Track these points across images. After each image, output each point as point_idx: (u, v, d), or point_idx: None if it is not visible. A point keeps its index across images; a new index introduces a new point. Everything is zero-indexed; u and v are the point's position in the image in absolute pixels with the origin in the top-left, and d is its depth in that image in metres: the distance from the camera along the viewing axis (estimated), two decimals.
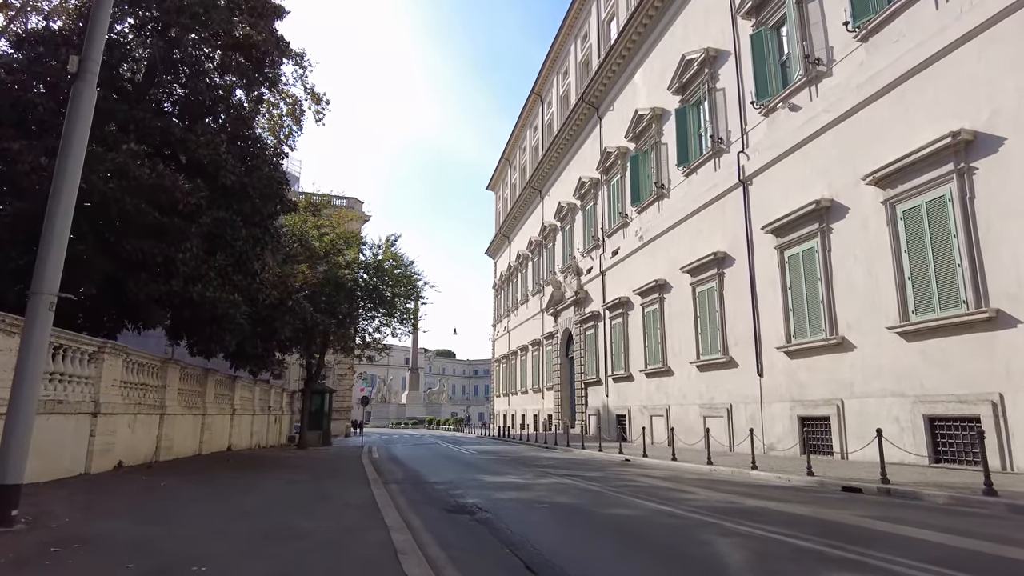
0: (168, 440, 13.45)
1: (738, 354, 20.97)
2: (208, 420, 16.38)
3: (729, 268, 21.71)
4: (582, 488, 10.72)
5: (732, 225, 21.62)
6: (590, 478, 12.53)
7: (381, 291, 24.41)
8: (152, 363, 12.87)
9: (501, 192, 64.12)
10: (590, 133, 36.71)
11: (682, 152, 25.08)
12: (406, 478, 13.11)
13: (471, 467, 16.18)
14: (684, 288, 24.37)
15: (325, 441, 30.07)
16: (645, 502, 8.85)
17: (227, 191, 14.91)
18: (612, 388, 31.36)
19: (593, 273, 34.73)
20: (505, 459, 19.22)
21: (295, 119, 24.67)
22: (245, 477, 10.69)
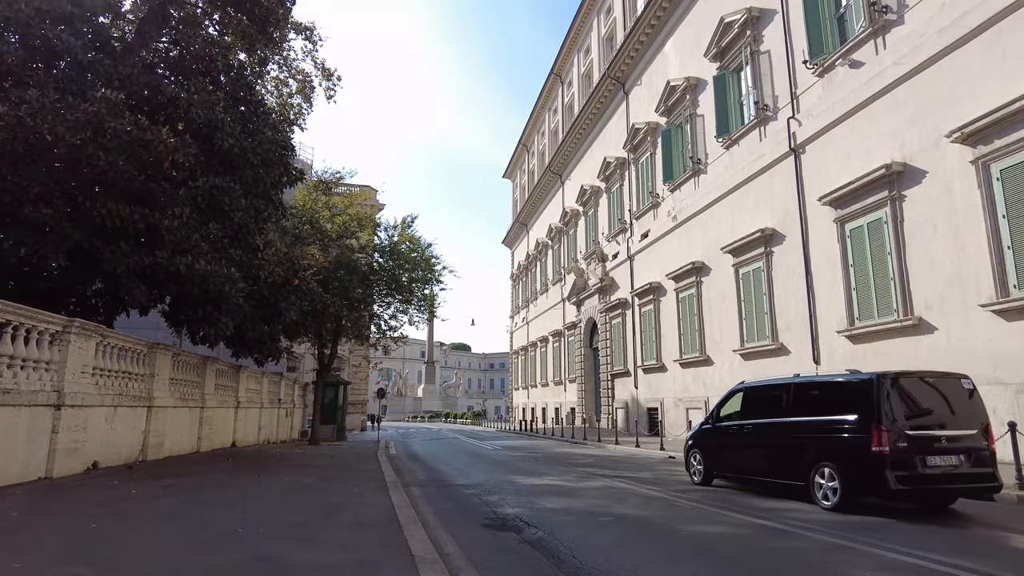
0: (158, 436, 11.84)
1: (790, 340, 19.04)
2: (207, 414, 14.78)
3: (778, 246, 19.75)
4: (642, 495, 8.94)
5: (782, 199, 19.66)
6: (642, 480, 10.76)
7: (397, 275, 22.67)
8: (137, 348, 11.24)
9: (518, 180, 62.23)
10: (615, 110, 34.73)
11: (721, 122, 23.09)
12: (429, 480, 11.40)
13: (500, 466, 14.45)
14: (725, 270, 22.44)
15: (339, 436, 28.53)
16: (734, 514, 7.08)
17: (224, 156, 13.24)
18: (642, 379, 29.49)
19: (620, 258, 32.82)
20: (535, 456, 17.49)
21: (305, 96, 23.13)
22: (240, 481, 9.02)
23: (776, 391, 10.45)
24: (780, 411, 9.79)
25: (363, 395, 50.51)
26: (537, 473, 12.26)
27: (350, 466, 12.69)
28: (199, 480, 9.04)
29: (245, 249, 13.04)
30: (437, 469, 13.66)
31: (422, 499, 8.58)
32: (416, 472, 12.88)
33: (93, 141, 9.60)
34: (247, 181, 13.66)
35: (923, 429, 8.16)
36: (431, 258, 23.71)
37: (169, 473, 9.69)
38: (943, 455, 8.06)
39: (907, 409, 8.32)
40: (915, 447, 7.90)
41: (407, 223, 23.50)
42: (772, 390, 10.68)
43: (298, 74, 22.88)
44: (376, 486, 9.23)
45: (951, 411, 8.55)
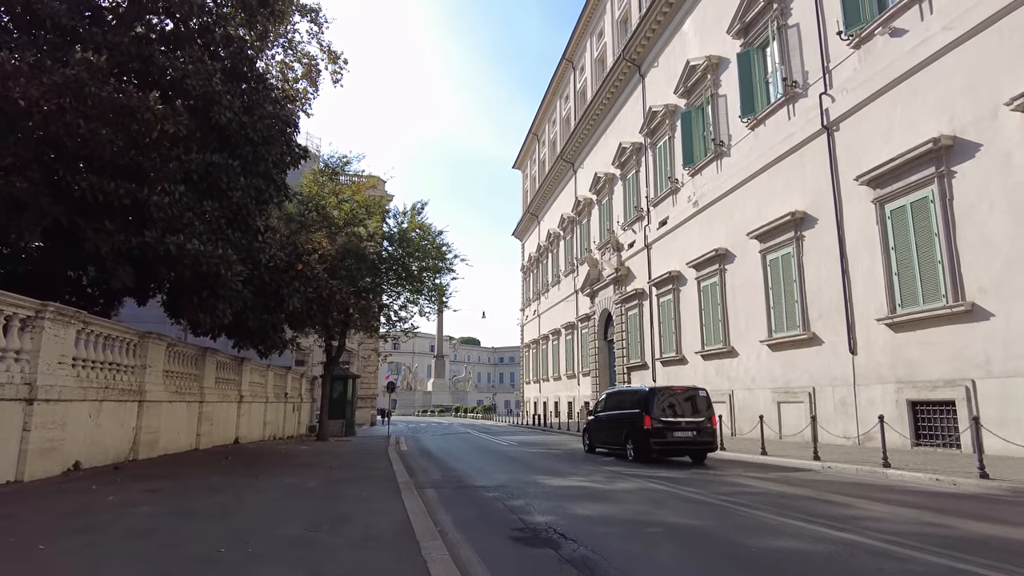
0: (151, 433, 10.93)
1: (822, 329, 17.97)
2: (207, 409, 13.87)
3: (810, 230, 18.65)
4: (684, 498, 7.94)
5: (813, 180, 18.55)
6: (678, 481, 9.76)
7: (407, 264, 21.67)
8: (126, 337, 10.30)
9: (529, 170, 61.10)
10: (631, 94, 33.57)
11: (746, 102, 21.96)
12: (445, 480, 10.43)
13: (519, 464, 13.48)
14: (751, 256, 21.35)
15: (348, 431, 27.66)
16: (802, 523, 6.08)
17: (222, 132, 12.30)
18: (661, 372, 28.44)
19: (636, 247, 31.74)
20: (554, 453, 16.52)
21: (311, 80, 22.19)
22: (235, 484, 8.08)
23: (614, 395, 17.42)
24: (614, 407, 16.50)
25: (373, 389, 49.71)
26: (561, 472, 11.26)
27: (359, 465, 11.75)
28: (189, 483, 8.10)
29: (244, 231, 12.10)
30: (452, 468, 12.69)
31: (439, 505, 7.61)
32: (430, 471, 11.91)
33: (73, 108, 8.67)
34: (247, 159, 12.72)
35: (671, 417, 14.36)
36: (442, 245, 22.71)
37: (158, 475, 8.77)
38: (682, 431, 14.27)
39: (664, 406, 14.50)
40: (666, 427, 14.15)
41: (417, 210, 22.51)
42: (612, 395, 17.58)
43: (303, 57, 21.98)
44: (387, 489, 8.28)
45: (692, 408, 14.83)
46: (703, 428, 14.42)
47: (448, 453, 17.24)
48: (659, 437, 13.97)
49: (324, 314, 13.80)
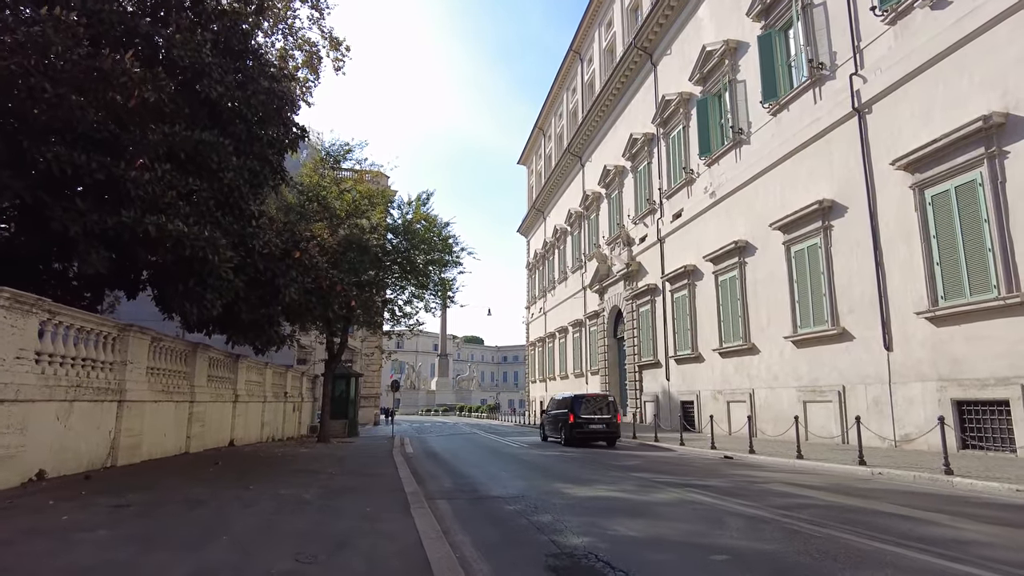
0: (132, 436, 9.91)
1: (853, 324, 16.91)
2: (198, 409, 12.84)
3: (839, 219, 17.59)
4: (737, 513, 6.90)
5: (842, 166, 17.49)
6: (722, 491, 8.71)
7: (412, 257, 20.61)
8: (102, 330, 9.25)
9: (534, 165, 60.04)
10: (642, 84, 32.51)
11: (768, 86, 20.89)
12: (457, 489, 9.39)
13: (536, 469, 12.44)
14: (774, 248, 20.29)
15: (351, 432, 26.64)
16: (899, 549, 5.05)
17: (213, 107, 11.32)
18: (675, 371, 27.40)
19: (648, 242, 30.68)
20: (571, 456, 15.50)
21: (312, 68, 21.23)
22: (220, 496, 7.03)
23: (555, 400, 23.44)
24: (555, 408, 22.60)
25: (376, 388, 48.75)
26: (585, 480, 10.20)
27: (362, 470, 10.72)
28: (166, 495, 7.06)
29: (237, 216, 11.08)
30: (464, 473, 11.63)
31: (454, 521, 6.57)
32: (440, 478, 10.86)
33: (38, 71, 7.66)
34: (240, 138, 11.72)
35: (587, 415, 20.16)
36: (449, 238, 21.65)
37: (134, 485, 7.74)
38: (595, 424, 20.00)
39: (583, 407, 20.35)
40: (584, 421, 19.94)
41: (422, 200, 21.45)
42: (554, 400, 23.71)
43: (304, 44, 21.04)
44: (394, 501, 7.25)
45: (603, 409, 20.54)
46: (610, 423, 20.36)
47: (456, 456, 16.21)
48: (579, 428, 20.11)
49: (324, 307, 12.73)
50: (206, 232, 8.78)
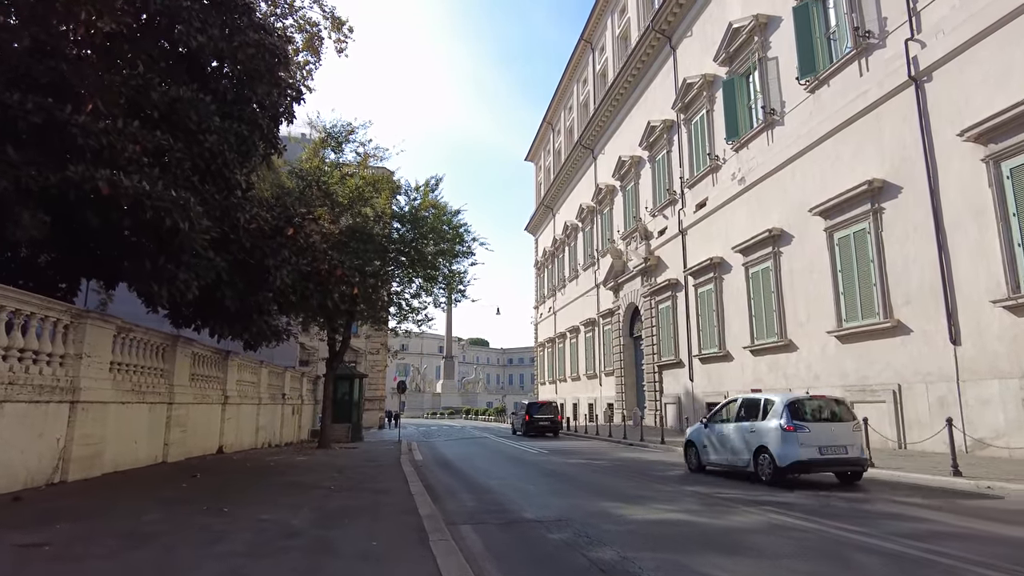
0: (89, 444, 8.28)
1: (910, 316, 15.23)
2: (178, 412, 11.21)
3: (891, 200, 15.92)
4: (857, 545, 5.31)
5: (896, 142, 15.83)
6: (806, 509, 7.10)
7: (420, 247, 18.98)
8: (47, 314, 7.55)
9: (542, 161, 58.42)
10: (660, 68, 30.86)
11: (805, 61, 19.22)
12: (482, 508, 7.74)
13: (567, 481, 10.79)
14: (814, 236, 18.61)
15: (355, 436, 25.04)
16: None
17: (193, 61, 9.71)
18: (699, 370, 25.71)
19: (668, 234, 29.01)
20: (601, 465, 13.83)
21: (313, 49, 19.69)
22: (183, 525, 5.45)
23: (520, 404, 34.27)
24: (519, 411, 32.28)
25: (380, 390, 47.15)
26: (633, 496, 8.53)
27: (365, 484, 9.09)
28: (108, 526, 5.43)
29: (220, 186, 9.48)
30: (485, 487, 9.96)
31: (490, 562, 4.93)
32: (458, 493, 9.20)
33: None
34: (224, 97, 10.15)
35: (538, 415, 29.41)
36: (460, 226, 20.01)
37: (75, 509, 6.11)
38: (542, 421, 29.12)
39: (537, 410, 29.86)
40: (537, 419, 29.12)
41: (431, 186, 19.84)
42: (518, 404, 35.63)
43: (305, 24, 19.55)
44: (406, 528, 5.63)
45: (549, 410, 30.28)
46: (553, 420, 29.50)
47: (472, 464, 14.56)
48: (532, 423, 28.88)
49: (323, 294, 11.09)
50: (171, 193, 7.16)
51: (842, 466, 10.77)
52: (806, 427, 10.57)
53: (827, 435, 10.66)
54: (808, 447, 10.30)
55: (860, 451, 10.97)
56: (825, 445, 10.47)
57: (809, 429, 10.56)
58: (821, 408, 11.42)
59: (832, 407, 11.56)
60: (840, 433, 10.84)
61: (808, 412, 11.11)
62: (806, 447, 10.30)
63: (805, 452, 10.26)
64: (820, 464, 10.50)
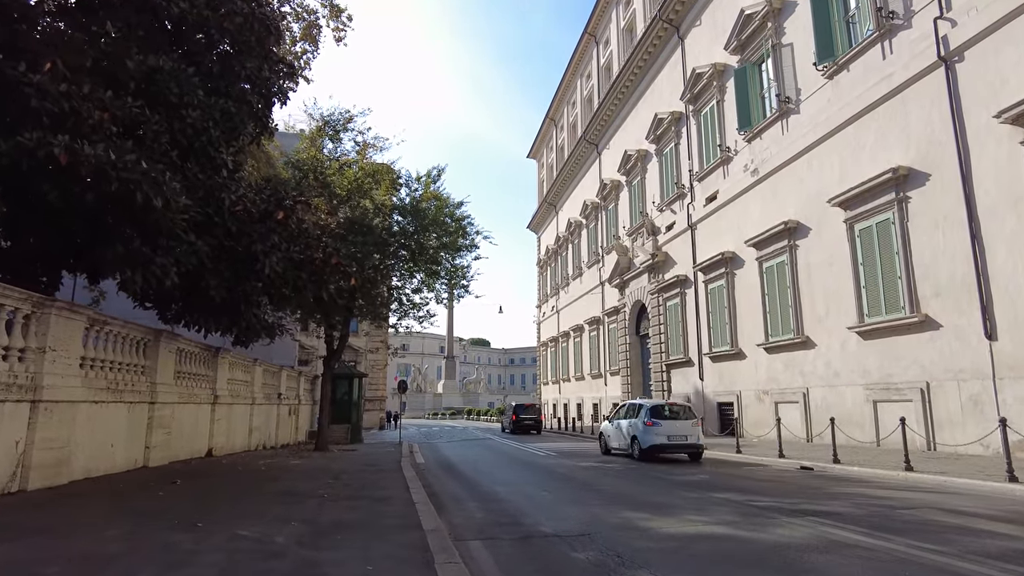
0: (54, 449, 7.42)
1: (940, 310, 14.43)
2: (162, 412, 10.38)
3: (918, 189, 15.10)
4: (940, 568, 4.40)
5: (923, 127, 15.03)
6: (859, 521, 6.27)
7: (422, 240, 18.13)
8: (9, 304, 6.71)
9: (545, 158, 57.58)
10: (667, 60, 30.04)
11: (823, 45, 18.43)
12: (492, 520, 6.92)
13: (582, 486, 9.98)
14: (832, 228, 17.81)
15: (354, 437, 24.24)
16: None
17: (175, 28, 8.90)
18: (710, 369, 24.89)
19: (676, 229, 28.19)
20: (613, 468, 13.06)
21: (311, 38, 18.96)
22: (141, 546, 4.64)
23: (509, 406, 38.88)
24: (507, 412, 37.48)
25: (381, 390, 46.35)
26: (659, 505, 7.69)
27: (363, 492, 8.26)
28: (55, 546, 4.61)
29: (204, 165, 8.66)
30: (494, 494, 9.13)
31: None
32: (464, 501, 8.37)
33: None
34: (210, 70, 9.33)
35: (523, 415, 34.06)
36: (463, 219, 19.17)
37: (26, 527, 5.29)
38: (528, 421, 33.67)
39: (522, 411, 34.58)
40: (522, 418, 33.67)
41: (432, 177, 19.01)
42: (507, 406, 40.58)
43: (303, 13, 18.79)
44: (408, 547, 4.83)
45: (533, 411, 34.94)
46: (536, 419, 33.57)
47: (477, 468, 13.73)
48: (519, 422, 33.01)
49: (317, 285, 10.23)
50: (143, 164, 6.34)
51: (684, 449, 15.56)
52: (660, 423, 15.59)
53: (674, 428, 15.58)
54: (660, 436, 15.39)
55: (698, 439, 15.64)
56: (672, 435, 15.46)
57: (662, 424, 15.59)
58: (671, 410, 16.25)
59: (679, 409, 16.46)
60: (683, 427, 15.68)
61: (662, 413, 15.97)
62: (659, 436, 15.39)
63: (658, 439, 15.38)
64: (669, 447, 15.48)
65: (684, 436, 15.35)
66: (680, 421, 15.68)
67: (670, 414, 15.86)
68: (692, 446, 15.36)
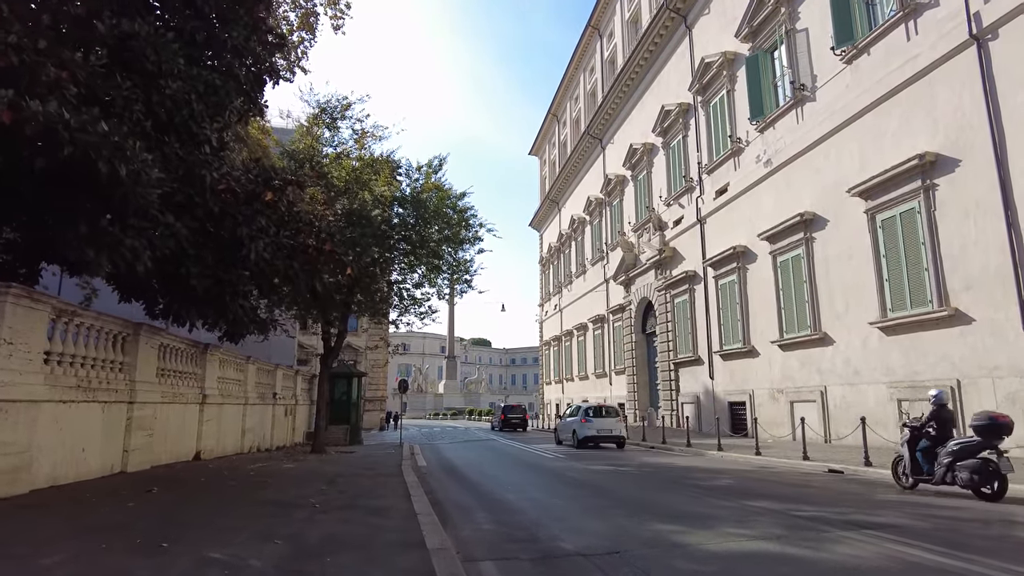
0: (11, 455, 6.50)
1: (972, 303, 13.64)
2: (142, 413, 9.56)
3: (946, 176, 14.31)
4: None
5: (952, 110, 14.24)
6: (928, 537, 5.48)
7: (423, 232, 17.31)
8: None
9: (547, 155, 56.79)
10: (674, 50, 29.23)
11: (842, 28, 17.62)
12: (505, 534, 6.12)
13: (599, 492, 9.18)
14: (852, 218, 17.02)
15: (353, 439, 23.44)
16: None
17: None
18: (721, 367, 24.09)
19: (684, 224, 27.40)
20: (629, 472, 12.22)
21: (308, 26, 18.16)
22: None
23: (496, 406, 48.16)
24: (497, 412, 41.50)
25: (382, 390, 45.53)
26: (689, 516, 6.86)
27: (359, 501, 7.46)
28: None
29: (184, 141, 7.87)
30: (504, 502, 8.31)
31: None
32: (472, 511, 7.55)
33: None
34: (192, 39, 8.51)
35: (510, 415, 38.56)
36: (466, 210, 18.35)
37: None
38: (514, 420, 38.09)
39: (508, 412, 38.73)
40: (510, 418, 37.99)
41: (434, 167, 18.20)
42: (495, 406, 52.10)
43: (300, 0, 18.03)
44: (409, 572, 4.00)
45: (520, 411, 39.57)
46: (522, 419, 37.37)
47: (482, 471, 12.92)
48: (506, 421, 36.79)
49: (309, 275, 9.36)
50: (104, 125, 5.53)
51: (610, 440, 20.59)
52: (592, 420, 20.66)
53: (602, 424, 20.63)
54: (591, 430, 20.45)
55: (620, 432, 20.64)
56: (600, 429, 20.50)
57: (593, 421, 20.64)
58: (601, 410, 21.46)
59: (608, 410, 21.61)
60: (609, 423, 20.70)
61: (593, 412, 21.13)
62: (591, 430, 20.46)
63: (590, 432, 20.42)
64: (599, 439, 20.51)
65: (610, 430, 20.43)
66: (607, 419, 20.71)
67: (602, 414, 20.97)
68: (616, 437, 20.50)
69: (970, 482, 7.94)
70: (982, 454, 7.93)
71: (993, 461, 7.79)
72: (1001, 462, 7.78)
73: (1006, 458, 7.93)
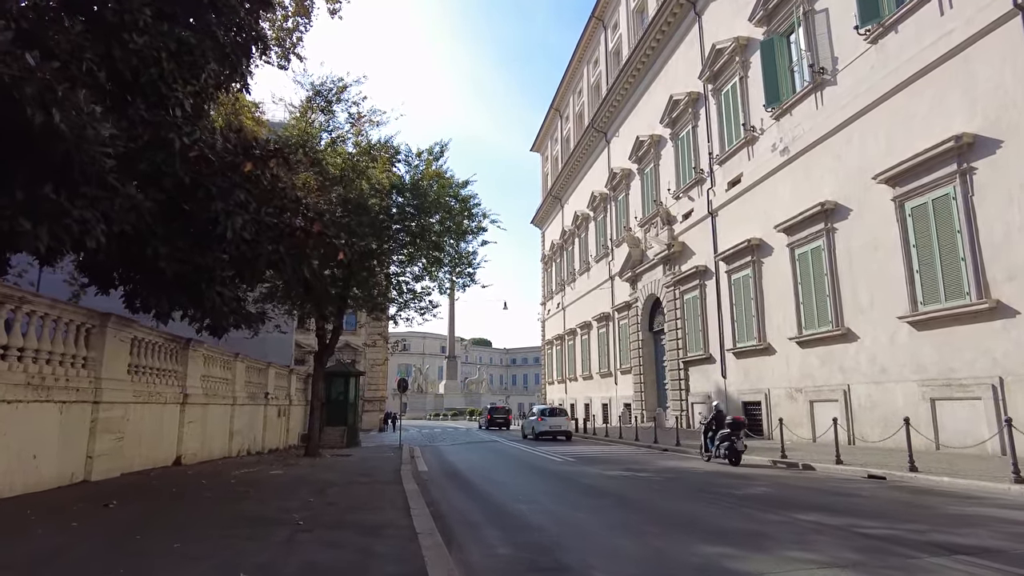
0: None
1: (1015, 295, 12.67)
2: (109, 413, 8.55)
3: (986, 158, 13.32)
4: None
5: (992, 87, 13.26)
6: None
7: (423, 221, 16.30)
8: None
9: (549, 150, 55.80)
10: (683, 38, 28.25)
11: (867, 7, 16.63)
12: (524, 559, 5.12)
13: (624, 504, 8.19)
14: (877, 208, 16.03)
15: (351, 441, 22.44)
16: None
17: None
18: (734, 366, 23.10)
19: (694, 217, 26.41)
20: (648, 479, 11.21)
21: (304, 11, 17.17)
22: None
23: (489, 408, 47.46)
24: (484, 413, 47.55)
25: (381, 390, 44.49)
26: (736, 534, 5.87)
27: (350, 516, 6.46)
28: None
29: (152, 104, 6.87)
30: (517, 516, 7.29)
31: None
32: (482, 529, 6.52)
33: None
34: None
35: (496, 415, 42.85)
36: (468, 199, 17.32)
37: None
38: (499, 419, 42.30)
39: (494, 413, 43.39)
40: (495, 418, 42.35)
41: (435, 154, 17.19)
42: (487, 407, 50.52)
43: None
44: None
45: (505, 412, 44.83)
46: (505, 419, 42.03)
47: (489, 478, 11.90)
48: (492, 420, 41.37)
49: (296, 259, 8.30)
50: (29, 58, 4.52)
51: (560, 434, 26.02)
52: (546, 419, 26.32)
53: (554, 422, 26.25)
54: (545, 426, 25.96)
55: (568, 428, 26.67)
56: (552, 425, 26.03)
57: (547, 420, 26.29)
58: (553, 411, 27.51)
59: (558, 411, 27.90)
60: (559, 421, 26.49)
61: (548, 413, 27.08)
62: (544, 426, 25.99)
63: (544, 428, 25.94)
64: (552, 432, 25.86)
65: (559, 426, 26.16)
66: (558, 418, 26.69)
67: (555, 414, 27.09)
68: (564, 431, 26.20)
69: (726, 454, 13.85)
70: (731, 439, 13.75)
71: (736, 443, 13.66)
72: (738, 444, 13.67)
73: (743, 442, 13.86)
